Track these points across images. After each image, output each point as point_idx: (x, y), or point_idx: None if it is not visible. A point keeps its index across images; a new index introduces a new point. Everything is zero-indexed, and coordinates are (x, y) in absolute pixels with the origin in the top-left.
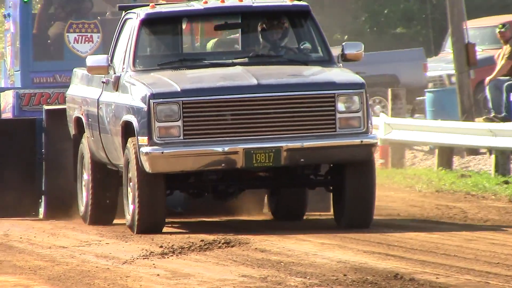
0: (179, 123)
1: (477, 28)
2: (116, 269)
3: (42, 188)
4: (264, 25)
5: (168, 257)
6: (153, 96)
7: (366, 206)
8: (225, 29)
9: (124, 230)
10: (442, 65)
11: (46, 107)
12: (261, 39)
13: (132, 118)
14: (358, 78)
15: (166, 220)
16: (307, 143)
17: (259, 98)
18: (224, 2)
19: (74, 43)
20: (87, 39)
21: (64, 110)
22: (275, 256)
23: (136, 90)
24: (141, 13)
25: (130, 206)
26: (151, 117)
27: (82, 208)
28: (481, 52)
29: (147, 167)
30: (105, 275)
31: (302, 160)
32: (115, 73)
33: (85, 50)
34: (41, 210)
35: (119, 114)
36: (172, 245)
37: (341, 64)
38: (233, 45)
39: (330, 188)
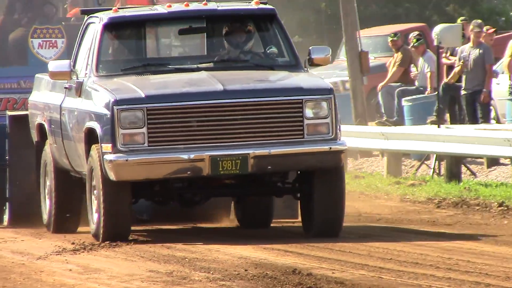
0: (144, 130)
1: (369, 37)
2: (31, 264)
3: (7, 195)
4: (228, 29)
5: (79, 253)
6: (117, 102)
7: (335, 214)
8: (190, 33)
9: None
10: (336, 72)
11: (9, 112)
12: (226, 44)
13: (95, 125)
14: (326, 84)
15: (132, 228)
16: (275, 150)
17: (225, 104)
18: (188, 6)
19: (38, 48)
20: (51, 44)
21: (27, 115)
22: (180, 252)
23: (99, 96)
24: (104, 17)
25: (95, 215)
26: (114, 124)
27: (45, 216)
28: (373, 60)
29: (111, 175)
30: (21, 270)
31: (269, 167)
32: (77, 79)
33: (50, 56)
34: (6, 217)
35: (82, 120)
36: (83, 242)
37: (307, 69)
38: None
39: (298, 195)
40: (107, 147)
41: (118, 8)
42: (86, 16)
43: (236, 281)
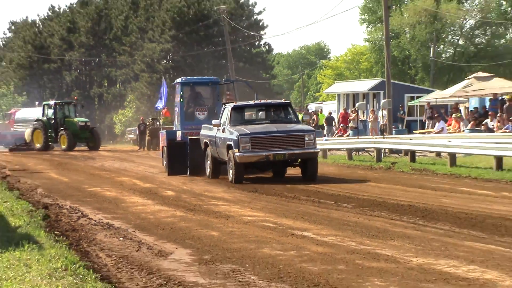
0: (249, 145)
1: None
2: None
3: (188, 164)
4: (274, 108)
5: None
6: (239, 135)
7: (315, 172)
8: (262, 110)
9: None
10: None
11: (189, 137)
12: (272, 114)
13: (231, 142)
14: (311, 128)
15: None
16: (296, 152)
17: (277, 136)
18: (261, 101)
19: (199, 114)
20: (202, 112)
21: (198, 138)
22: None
23: (232, 132)
24: (231, 104)
25: (230, 172)
26: (239, 142)
27: (207, 173)
28: None
29: (237, 160)
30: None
31: (293, 157)
32: (223, 126)
33: (203, 117)
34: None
35: (225, 141)
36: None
37: (303, 123)
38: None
39: (300, 166)
40: (236, 150)
41: (235, 102)
42: (224, 104)
43: None
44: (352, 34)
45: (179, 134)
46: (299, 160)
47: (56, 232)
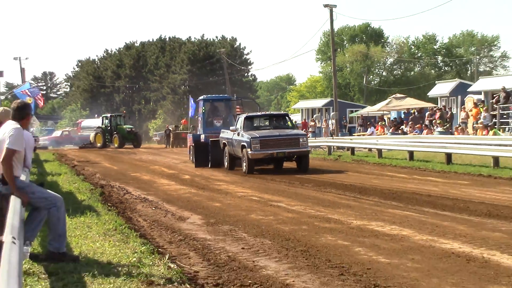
0: (259, 145)
1: None
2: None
3: (209, 159)
4: (275, 118)
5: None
6: (250, 138)
7: (307, 165)
8: (268, 120)
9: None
10: None
11: (210, 139)
12: (274, 121)
13: (245, 143)
14: (303, 132)
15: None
16: (293, 150)
17: (280, 138)
18: (266, 112)
19: (216, 122)
20: (218, 120)
21: (217, 140)
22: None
23: (245, 136)
24: (244, 115)
25: (244, 164)
26: (251, 143)
27: (225, 165)
28: None
29: (249, 156)
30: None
31: (291, 154)
32: (238, 131)
33: (219, 125)
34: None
35: (240, 142)
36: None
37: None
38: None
39: (296, 160)
40: (249, 149)
41: (247, 113)
42: (238, 115)
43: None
44: (311, 68)
45: (202, 137)
46: (295, 156)
47: (108, 204)
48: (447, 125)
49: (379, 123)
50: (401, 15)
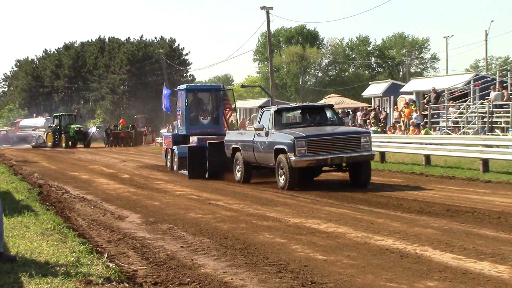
0: (305, 148)
1: None
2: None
3: (207, 168)
4: (318, 111)
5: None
6: (295, 138)
7: (369, 177)
8: (306, 113)
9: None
10: None
11: (208, 141)
12: (313, 117)
13: (283, 146)
14: (365, 130)
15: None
16: (353, 155)
17: (334, 138)
18: (303, 103)
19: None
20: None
21: (217, 142)
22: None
23: (282, 136)
24: (274, 108)
25: (281, 178)
26: (295, 145)
27: (237, 178)
28: None
29: (293, 165)
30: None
31: (350, 160)
32: (265, 129)
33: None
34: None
35: (271, 145)
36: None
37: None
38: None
39: (349, 170)
40: (291, 154)
41: (277, 105)
42: (260, 109)
43: None
44: (248, 68)
45: (194, 139)
46: (344, 164)
47: (47, 203)
48: (382, 124)
49: None
50: (335, 17)
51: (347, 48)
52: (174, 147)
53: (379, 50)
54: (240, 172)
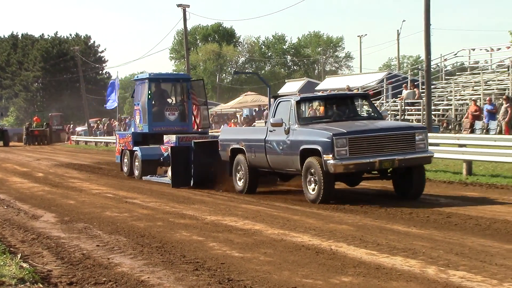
0: (346, 148)
1: None
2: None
3: (192, 173)
4: (350, 101)
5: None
6: (333, 135)
7: (422, 187)
8: (334, 104)
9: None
10: None
11: (194, 140)
12: (349, 108)
13: (314, 146)
14: (420, 124)
15: None
16: (410, 157)
17: (383, 135)
18: (330, 92)
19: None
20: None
21: (204, 142)
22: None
23: (314, 132)
24: (295, 97)
25: (310, 188)
26: (333, 145)
27: (238, 187)
28: None
29: (331, 170)
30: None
31: (403, 164)
32: (286, 126)
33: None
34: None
35: (296, 145)
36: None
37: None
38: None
39: (395, 177)
40: (328, 157)
41: (299, 94)
42: (274, 99)
43: None
44: (165, 66)
45: (173, 138)
46: (389, 170)
47: None
48: None
49: (232, 120)
50: (252, 15)
51: (263, 47)
52: (136, 148)
53: (295, 48)
54: (243, 180)
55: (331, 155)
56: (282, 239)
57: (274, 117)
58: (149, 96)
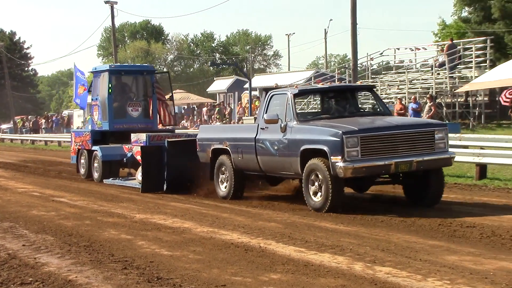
0: (358, 148)
1: None
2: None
3: (165, 176)
4: (351, 94)
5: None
6: (343, 133)
7: (441, 192)
8: (335, 98)
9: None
10: None
11: (167, 139)
12: (352, 102)
13: (320, 146)
14: (439, 121)
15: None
16: (428, 158)
17: (400, 133)
18: (331, 84)
19: None
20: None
21: (178, 141)
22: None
23: (317, 130)
24: (292, 90)
25: (313, 195)
26: (343, 145)
27: (221, 193)
28: None
29: (340, 174)
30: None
31: (421, 167)
32: (282, 123)
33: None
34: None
35: (295, 144)
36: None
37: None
38: None
39: (409, 182)
40: (336, 158)
41: (296, 86)
42: (265, 92)
43: None
44: (93, 63)
45: (142, 137)
46: (400, 174)
47: None
48: (226, 120)
49: None
50: (180, 13)
51: (192, 44)
52: (95, 147)
53: (223, 46)
54: (226, 185)
55: (340, 157)
56: (211, 237)
57: (266, 113)
58: (110, 90)
